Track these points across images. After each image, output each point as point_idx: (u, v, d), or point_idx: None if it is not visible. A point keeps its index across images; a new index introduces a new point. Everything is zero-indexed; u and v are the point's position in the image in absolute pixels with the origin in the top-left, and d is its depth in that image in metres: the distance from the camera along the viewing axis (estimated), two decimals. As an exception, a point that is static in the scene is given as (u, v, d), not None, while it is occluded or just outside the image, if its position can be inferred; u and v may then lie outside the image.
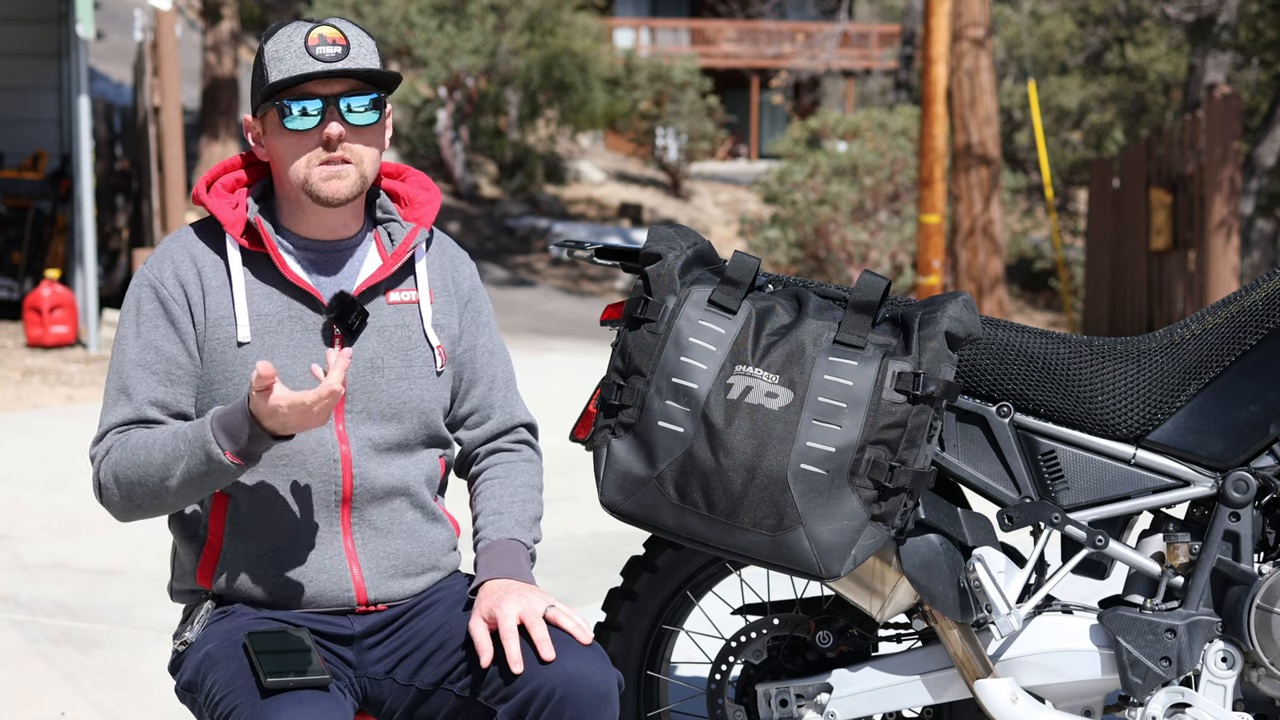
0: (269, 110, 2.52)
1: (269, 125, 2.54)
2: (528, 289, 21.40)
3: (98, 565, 5.72)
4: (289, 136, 2.51)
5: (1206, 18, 18.84)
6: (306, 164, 2.51)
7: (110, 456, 2.49)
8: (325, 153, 2.50)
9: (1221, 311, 2.92)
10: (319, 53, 2.49)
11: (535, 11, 25.04)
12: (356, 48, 2.51)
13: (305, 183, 2.52)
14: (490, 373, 2.71)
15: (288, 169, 2.53)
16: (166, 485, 2.43)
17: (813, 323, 2.69)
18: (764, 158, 35.20)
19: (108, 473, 2.49)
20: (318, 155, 2.51)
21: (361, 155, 2.53)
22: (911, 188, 17.52)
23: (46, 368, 10.91)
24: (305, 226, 2.58)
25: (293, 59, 2.49)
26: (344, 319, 2.53)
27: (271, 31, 2.54)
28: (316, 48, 2.49)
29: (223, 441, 2.38)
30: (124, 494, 2.48)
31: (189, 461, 2.40)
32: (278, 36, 2.52)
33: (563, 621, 2.44)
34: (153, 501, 2.47)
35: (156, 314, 2.53)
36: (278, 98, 2.50)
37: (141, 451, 2.44)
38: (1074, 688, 2.91)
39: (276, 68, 2.49)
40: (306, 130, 2.50)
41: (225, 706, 2.37)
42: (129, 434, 2.49)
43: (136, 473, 2.45)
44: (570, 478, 6.93)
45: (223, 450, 2.38)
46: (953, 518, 2.88)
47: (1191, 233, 13.46)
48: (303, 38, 2.50)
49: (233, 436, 2.38)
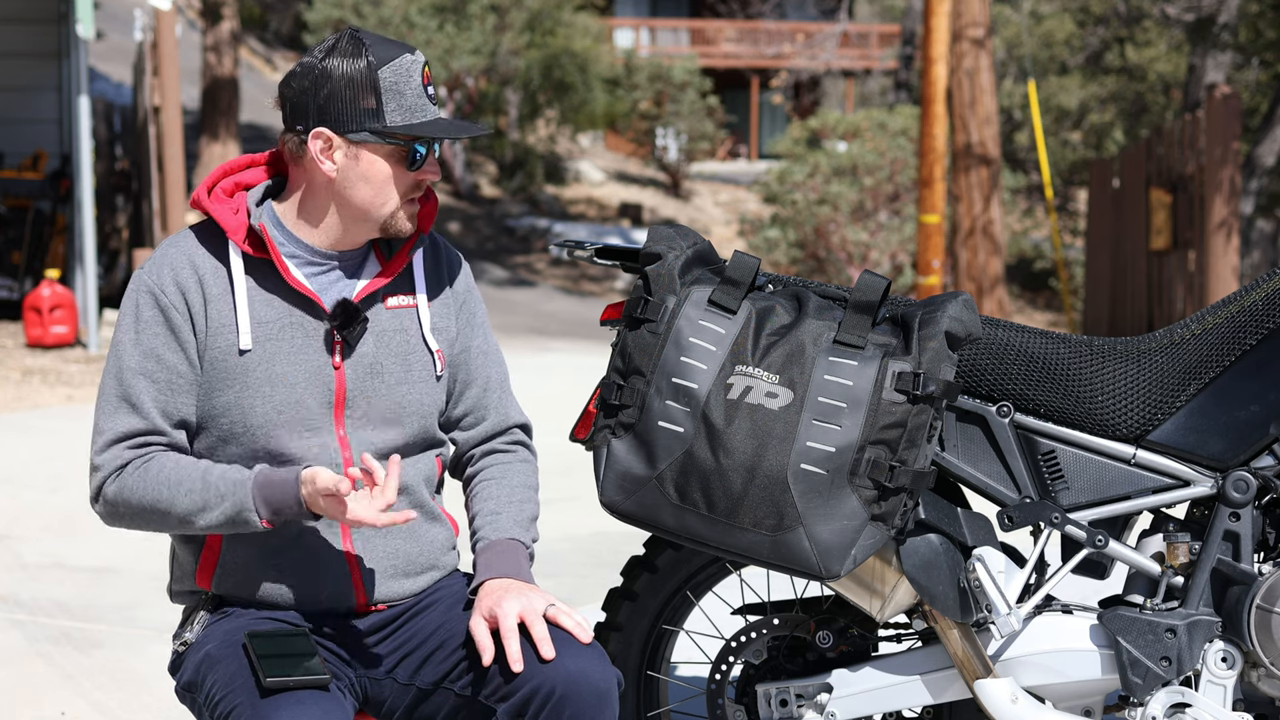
0: (382, 144, 2.50)
1: (367, 156, 2.51)
2: (528, 289, 21.40)
3: (97, 565, 5.72)
4: (402, 175, 2.53)
5: (1206, 18, 18.83)
6: (399, 200, 2.54)
7: (126, 477, 2.48)
8: (416, 191, 2.55)
9: (1221, 311, 2.92)
10: (432, 95, 2.53)
11: (535, 11, 25.03)
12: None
13: (391, 215, 2.54)
14: (485, 374, 2.71)
15: (374, 199, 2.53)
16: (187, 523, 2.47)
17: (813, 323, 2.69)
18: (764, 158, 35.20)
19: (118, 491, 2.49)
20: (411, 193, 2.55)
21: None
22: (911, 188, 17.52)
23: (46, 368, 10.91)
24: (322, 236, 2.57)
25: (414, 98, 2.50)
26: (346, 327, 2.53)
27: (383, 54, 2.49)
28: (428, 89, 2.52)
29: (263, 511, 2.43)
30: (129, 515, 2.50)
31: (220, 515, 2.44)
32: (394, 66, 2.49)
33: (563, 620, 2.44)
34: (159, 529, 2.52)
35: (156, 321, 2.52)
36: (410, 140, 2.50)
37: (165, 489, 2.46)
38: (1074, 688, 2.91)
39: (399, 102, 2.49)
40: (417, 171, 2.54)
41: (225, 706, 2.37)
42: (150, 458, 2.49)
43: (156, 506, 2.47)
44: (570, 478, 6.92)
45: (260, 518, 2.43)
46: (953, 518, 2.88)
47: (1191, 233, 13.46)
48: (420, 76, 2.51)
49: (275, 510, 2.43)
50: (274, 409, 2.51)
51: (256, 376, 2.51)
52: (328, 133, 2.50)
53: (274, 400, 2.51)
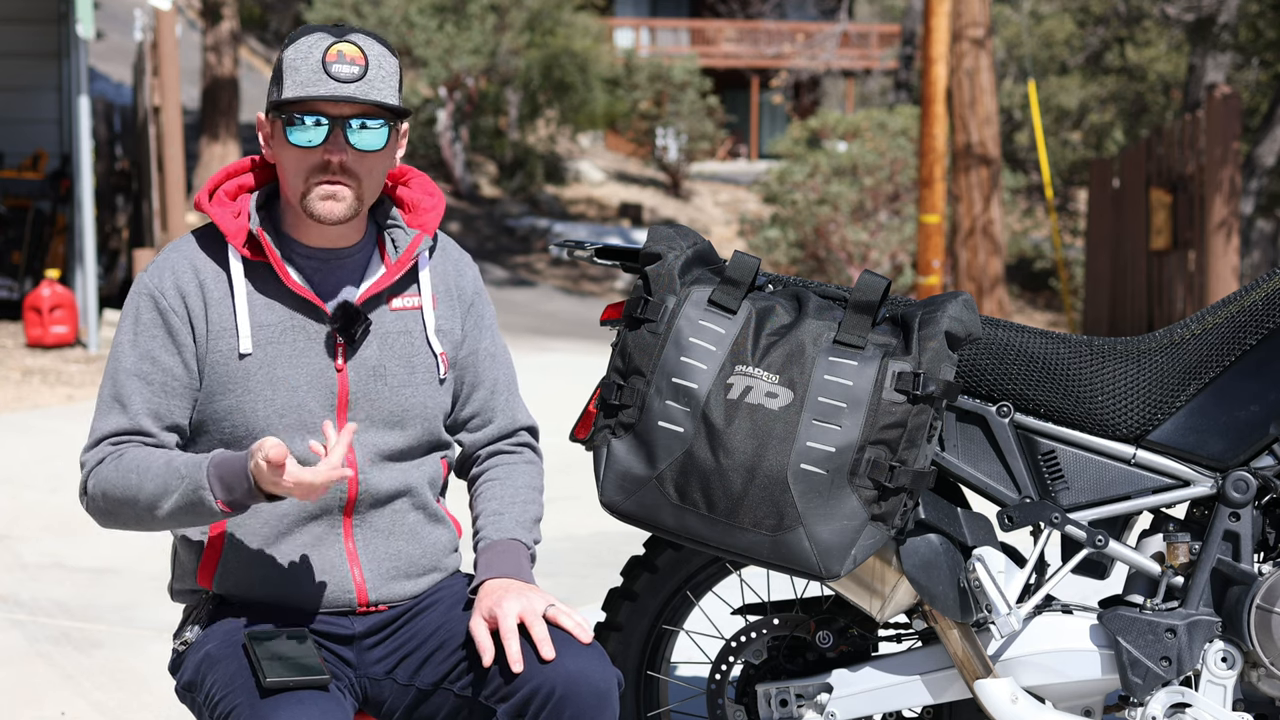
0: (277, 119, 2.50)
1: (276, 132, 2.51)
2: (528, 289, 21.40)
3: (97, 565, 5.72)
4: (292, 150, 2.49)
5: (1206, 18, 18.83)
6: (305, 180, 2.49)
7: (102, 470, 2.48)
8: (322, 172, 2.48)
9: (1221, 311, 2.92)
10: (335, 71, 2.45)
11: (535, 11, 25.04)
12: (376, 69, 2.48)
13: (303, 198, 2.50)
14: (492, 376, 2.71)
15: (288, 180, 2.52)
16: (154, 514, 2.44)
17: (813, 323, 2.69)
18: (764, 158, 35.19)
19: (96, 485, 2.49)
20: (317, 173, 2.49)
21: (362, 178, 2.51)
22: (911, 188, 17.52)
23: (46, 368, 10.91)
24: (307, 235, 2.57)
25: (308, 72, 2.46)
26: (348, 329, 2.53)
27: (296, 36, 2.50)
28: (333, 65, 2.46)
29: (217, 490, 2.39)
30: (109, 509, 2.49)
31: (179, 498, 2.41)
32: (299, 44, 2.48)
33: (563, 621, 2.44)
34: (137, 523, 2.49)
35: (155, 324, 2.52)
36: (286, 109, 2.48)
37: (133, 475, 2.44)
38: (1074, 688, 2.91)
39: (292, 78, 2.47)
40: (310, 147, 2.48)
41: (225, 706, 2.37)
42: (123, 451, 2.48)
43: (126, 494, 2.45)
44: (570, 478, 6.92)
45: (215, 498, 2.39)
46: (953, 518, 2.88)
47: (1191, 233, 13.46)
48: (322, 52, 2.46)
49: (228, 487, 2.39)
50: (275, 412, 2.50)
51: (257, 380, 2.51)
52: (261, 119, 2.56)
53: (275, 403, 2.51)
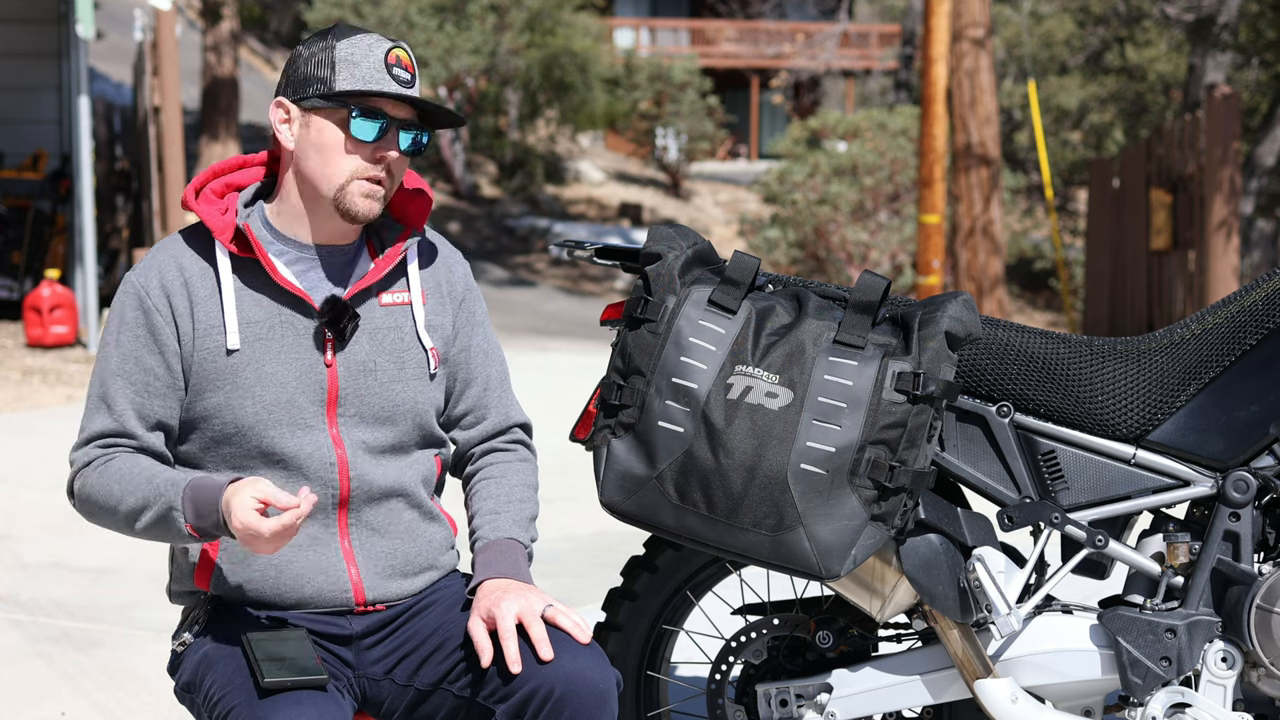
0: (330, 109, 2.49)
1: (318, 122, 2.51)
2: (528, 289, 21.40)
3: (97, 565, 5.72)
4: (347, 141, 2.50)
5: (1206, 18, 18.84)
6: (350, 174, 2.50)
7: (88, 474, 2.50)
8: (371, 169, 2.50)
9: (1221, 311, 2.92)
10: (396, 74, 2.50)
11: (535, 11, 25.03)
12: (418, 80, 2.55)
13: (340, 190, 2.51)
14: (485, 373, 2.71)
15: (324, 170, 2.51)
16: (132, 527, 2.47)
17: (813, 323, 2.69)
18: (764, 158, 35.20)
19: (82, 488, 2.52)
20: (364, 170, 2.50)
21: (396, 179, 2.55)
22: (911, 188, 17.52)
23: (46, 368, 10.91)
24: (308, 231, 2.56)
25: (370, 69, 2.49)
26: (336, 324, 2.53)
27: (346, 33, 2.52)
28: (394, 68, 2.50)
29: (188, 513, 2.40)
30: (92, 514, 2.53)
31: (153, 515, 2.43)
32: (355, 41, 2.50)
33: (561, 621, 2.43)
34: (117, 531, 2.52)
35: (138, 324, 2.52)
36: (352, 100, 2.48)
37: (116, 486, 2.46)
38: (1074, 688, 2.91)
39: (352, 72, 2.48)
40: (366, 141, 2.49)
41: (223, 707, 2.37)
42: (111, 458, 2.49)
43: (107, 503, 2.48)
44: (570, 478, 6.93)
45: (185, 520, 2.40)
46: (953, 518, 2.88)
47: (1191, 233, 13.46)
48: (384, 53, 2.50)
49: (199, 514, 2.40)
50: (264, 408, 2.50)
51: (246, 376, 2.51)
52: (285, 102, 2.54)
53: (264, 400, 2.50)
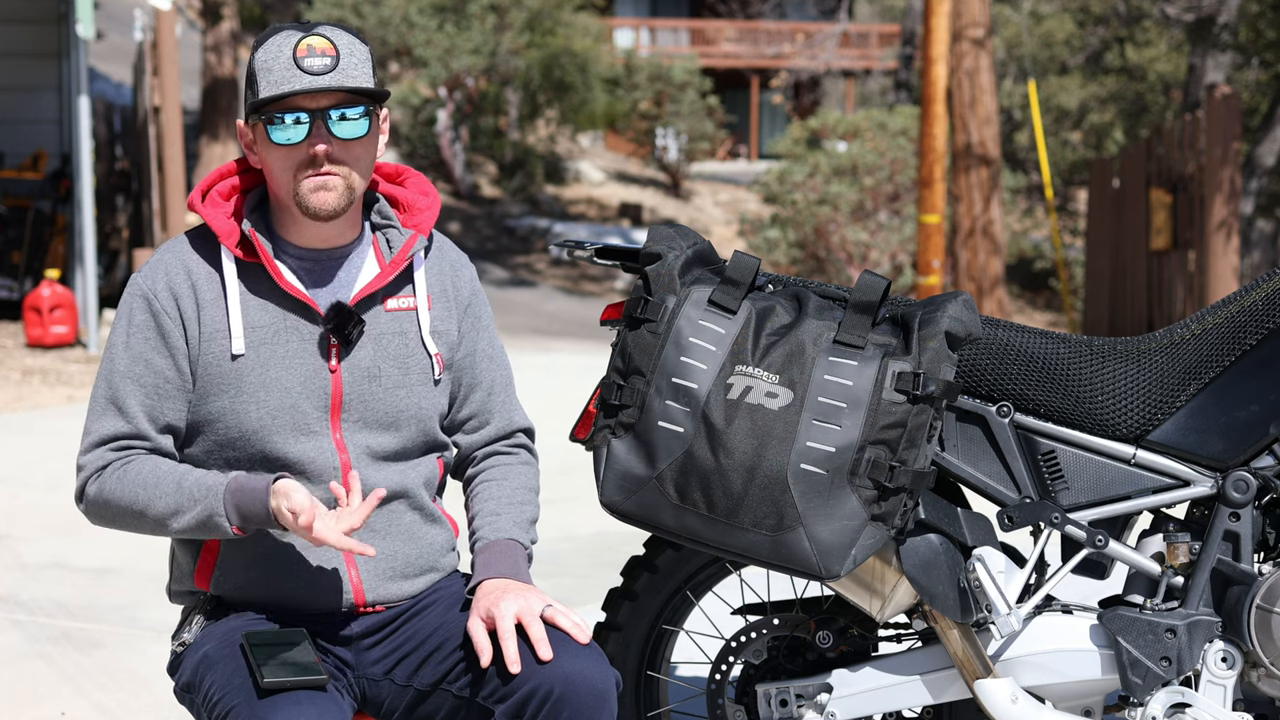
0: (258, 121, 2.49)
1: (260, 134, 2.51)
2: (528, 289, 21.40)
3: (97, 565, 5.72)
4: (277, 150, 2.49)
5: (1206, 18, 18.84)
6: (294, 176, 2.49)
7: (106, 478, 2.49)
8: (311, 166, 2.48)
9: (1221, 311, 2.92)
10: (307, 65, 2.45)
11: (535, 11, 25.03)
12: (348, 57, 2.48)
13: (294, 195, 2.50)
14: (490, 378, 2.71)
15: (277, 179, 2.51)
16: (163, 526, 2.47)
17: (813, 323, 2.69)
18: (764, 158, 35.19)
19: (99, 492, 2.50)
20: (305, 168, 2.49)
21: (350, 167, 2.51)
22: (911, 188, 17.52)
23: (46, 368, 10.91)
24: (300, 235, 2.56)
25: (281, 71, 2.46)
26: (341, 329, 2.52)
27: (262, 39, 2.50)
28: (305, 59, 2.45)
29: (233, 518, 2.42)
30: (108, 515, 2.51)
31: (191, 518, 2.44)
32: (267, 45, 2.49)
33: (560, 621, 2.43)
34: (137, 531, 2.52)
35: (148, 326, 2.52)
36: (266, 110, 2.47)
37: (142, 491, 2.46)
38: (1074, 688, 2.91)
39: (265, 79, 2.47)
40: (294, 144, 2.48)
41: (223, 707, 2.36)
42: (129, 460, 2.49)
43: (132, 507, 2.47)
44: (570, 478, 6.92)
45: (231, 525, 2.42)
46: (953, 518, 2.88)
47: (1191, 233, 13.45)
48: (291, 48, 2.46)
49: (244, 517, 2.42)
50: (268, 413, 2.50)
51: (250, 381, 2.50)
52: (242, 126, 2.55)
53: (268, 405, 2.50)
